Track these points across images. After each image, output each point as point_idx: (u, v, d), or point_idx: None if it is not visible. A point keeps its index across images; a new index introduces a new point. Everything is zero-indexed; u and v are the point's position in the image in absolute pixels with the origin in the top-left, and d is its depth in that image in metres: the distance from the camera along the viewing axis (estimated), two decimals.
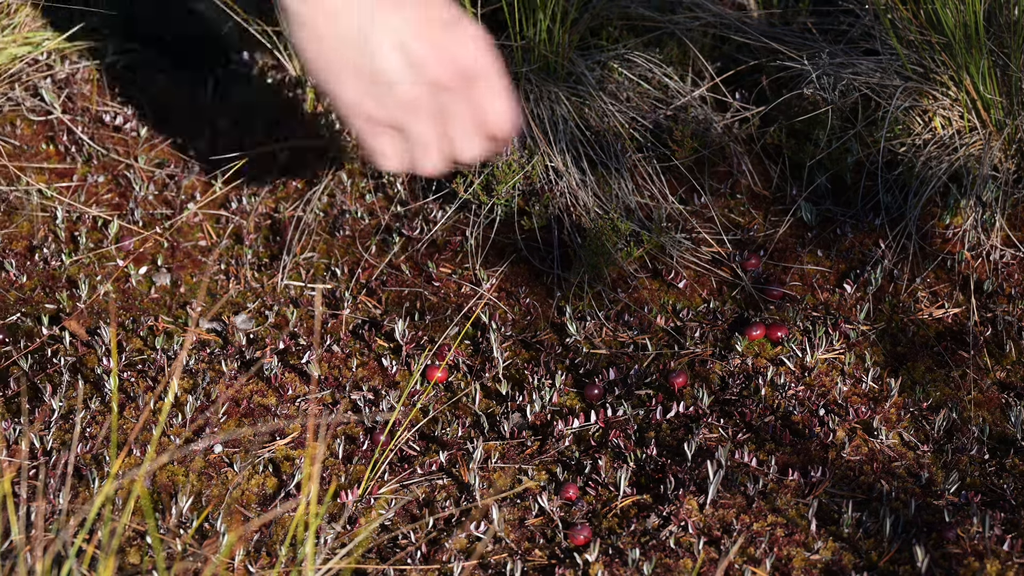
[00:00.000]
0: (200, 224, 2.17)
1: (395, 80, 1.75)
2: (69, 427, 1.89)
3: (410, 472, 1.85)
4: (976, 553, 1.72)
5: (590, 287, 2.04)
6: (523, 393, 1.93)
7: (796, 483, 1.81)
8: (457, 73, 1.76)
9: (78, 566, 1.65)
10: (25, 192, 2.17)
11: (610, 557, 1.74)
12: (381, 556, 1.77)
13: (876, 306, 2.01)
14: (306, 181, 2.21)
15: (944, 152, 2.08)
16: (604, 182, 2.13)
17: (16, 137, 2.24)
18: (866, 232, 2.08)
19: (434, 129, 1.77)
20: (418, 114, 1.76)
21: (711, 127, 2.16)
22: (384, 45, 1.75)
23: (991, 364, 1.94)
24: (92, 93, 2.29)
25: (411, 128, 1.76)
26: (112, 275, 2.10)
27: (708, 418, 1.88)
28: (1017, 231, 2.06)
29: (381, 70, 1.75)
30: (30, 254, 2.12)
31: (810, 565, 1.73)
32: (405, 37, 1.75)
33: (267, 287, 2.09)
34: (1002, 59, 2.03)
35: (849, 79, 2.12)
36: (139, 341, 2.02)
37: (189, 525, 1.79)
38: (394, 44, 1.75)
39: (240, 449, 1.88)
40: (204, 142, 2.24)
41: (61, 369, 1.96)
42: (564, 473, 1.84)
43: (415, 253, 2.11)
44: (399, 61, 1.75)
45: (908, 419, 1.89)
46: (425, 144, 1.77)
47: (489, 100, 1.77)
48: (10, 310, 2.05)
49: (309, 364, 1.96)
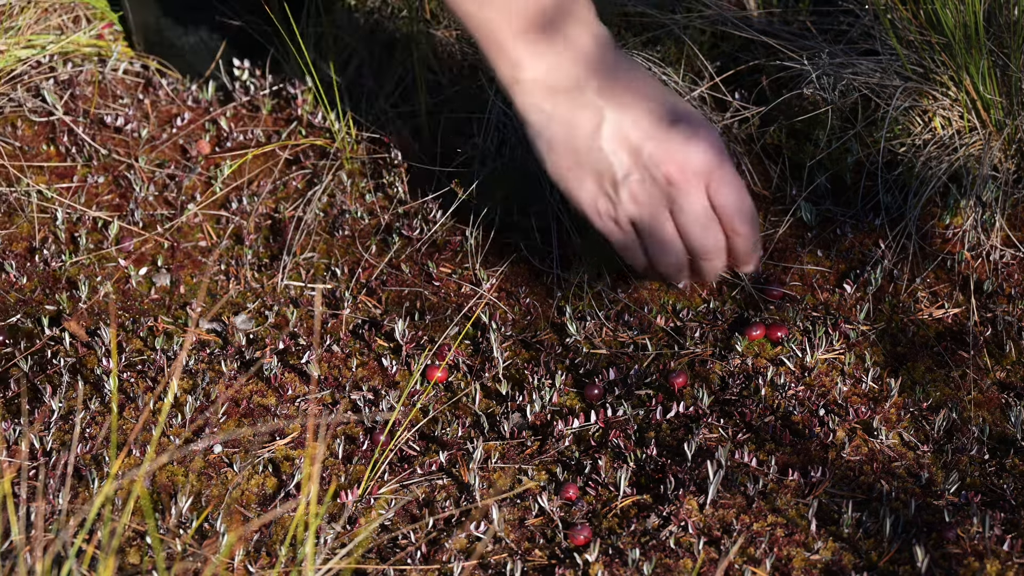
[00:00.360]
0: (200, 224, 2.17)
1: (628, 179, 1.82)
2: (69, 428, 1.89)
3: (410, 472, 1.85)
4: (976, 553, 1.72)
5: (590, 287, 2.04)
6: (523, 393, 1.92)
7: (796, 483, 1.81)
8: (688, 168, 1.83)
9: (78, 566, 1.65)
10: (25, 193, 2.17)
11: (610, 557, 1.74)
12: (381, 556, 1.77)
13: (876, 306, 2.01)
14: (306, 181, 2.21)
15: (944, 152, 2.08)
16: None
17: (17, 138, 2.24)
18: (866, 232, 2.08)
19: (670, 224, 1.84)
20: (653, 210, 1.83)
21: None
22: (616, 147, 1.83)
23: (991, 364, 1.94)
24: (94, 95, 2.29)
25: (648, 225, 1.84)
26: (112, 276, 2.10)
27: (708, 418, 1.88)
28: (1017, 231, 2.06)
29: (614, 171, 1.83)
30: (30, 255, 2.12)
31: (810, 565, 1.73)
32: (635, 137, 1.82)
33: (267, 287, 2.09)
34: (1002, 59, 2.03)
35: (849, 79, 2.12)
36: (139, 342, 2.02)
37: (189, 525, 1.79)
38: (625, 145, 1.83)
39: (240, 449, 1.87)
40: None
41: (61, 370, 1.96)
42: (564, 473, 1.84)
43: (415, 253, 2.11)
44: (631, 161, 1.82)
45: (908, 419, 1.88)
46: (662, 240, 1.85)
47: (723, 192, 1.85)
48: (10, 311, 2.05)
49: (309, 364, 1.96)
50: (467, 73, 2.28)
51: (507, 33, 1.83)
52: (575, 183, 1.86)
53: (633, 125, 1.84)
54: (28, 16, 2.33)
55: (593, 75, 1.84)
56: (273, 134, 2.27)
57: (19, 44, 2.31)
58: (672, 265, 1.89)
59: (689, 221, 1.86)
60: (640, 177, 1.84)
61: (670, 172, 1.84)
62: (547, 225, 2.10)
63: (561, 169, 1.86)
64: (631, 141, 1.84)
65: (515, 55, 1.84)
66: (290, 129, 2.27)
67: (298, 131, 2.26)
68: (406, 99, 2.27)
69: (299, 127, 2.27)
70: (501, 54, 1.84)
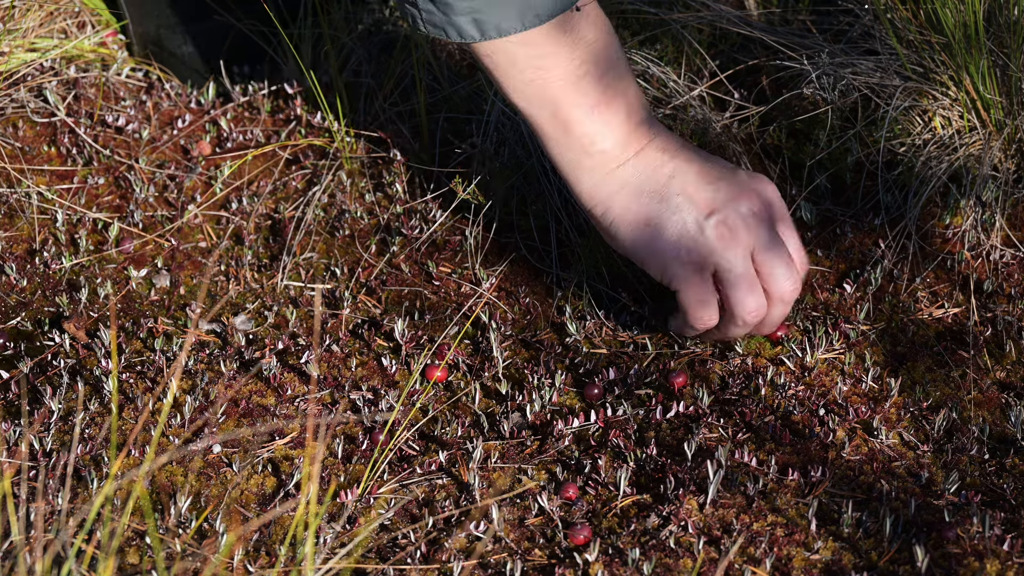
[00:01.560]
0: (200, 225, 2.17)
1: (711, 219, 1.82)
2: (68, 429, 1.89)
3: (409, 472, 1.85)
4: (976, 553, 1.72)
5: (590, 286, 2.04)
6: (523, 392, 1.92)
7: (796, 483, 1.80)
8: (763, 199, 1.85)
9: (78, 566, 1.65)
10: (26, 195, 2.17)
11: (610, 557, 1.74)
12: (381, 556, 1.77)
13: (876, 306, 2.01)
14: (306, 181, 2.21)
15: (944, 152, 2.08)
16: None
17: (18, 139, 2.25)
18: (866, 232, 2.08)
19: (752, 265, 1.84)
20: (741, 244, 1.83)
21: (710, 126, 2.16)
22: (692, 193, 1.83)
23: (991, 364, 1.94)
24: (97, 97, 2.29)
25: (731, 262, 1.83)
26: (112, 278, 2.10)
27: (708, 418, 1.88)
28: (1017, 231, 2.05)
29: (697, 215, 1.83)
30: (30, 258, 2.12)
31: (810, 565, 1.73)
32: (707, 181, 1.84)
33: (267, 288, 2.09)
34: (1002, 59, 2.03)
35: (849, 79, 2.12)
36: (139, 343, 2.02)
37: (188, 525, 1.79)
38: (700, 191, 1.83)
39: (239, 449, 1.87)
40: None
41: (61, 372, 1.96)
42: (564, 473, 1.84)
43: (415, 252, 2.11)
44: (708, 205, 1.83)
45: (908, 419, 1.88)
46: (749, 278, 1.84)
47: (791, 240, 1.87)
48: (10, 314, 2.05)
49: (308, 364, 1.96)
50: (466, 73, 2.28)
51: (581, 110, 1.82)
52: (656, 240, 1.84)
53: (701, 171, 1.85)
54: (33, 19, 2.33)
55: (654, 135, 1.85)
56: (272, 134, 2.27)
57: (23, 47, 2.31)
58: (752, 312, 1.85)
59: (777, 262, 1.84)
60: (723, 215, 1.83)
61: (752, 204, 1.83)
62: (546, 225, 2.10)
63: (640, 230, 1.84)
64: (704, 185, 1.84)
65: (587, 130, 1.82)
66: (289, 129, 2.27)
67: (297, 131, 2.27)
68: (405, 99, 2.27)
69: (298, 127, 2.27)
70: (568, 134, 1.83)
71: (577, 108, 1.82)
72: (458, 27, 1.78)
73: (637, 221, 1.84)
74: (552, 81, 1.81)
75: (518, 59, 1.80)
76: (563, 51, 1.80)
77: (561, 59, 1.80)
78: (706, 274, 1.84)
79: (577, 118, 1.83)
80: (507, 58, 1.80)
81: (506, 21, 1.77)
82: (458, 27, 1.78)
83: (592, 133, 1.83)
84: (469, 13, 1.76)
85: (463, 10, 1.77)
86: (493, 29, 1.78)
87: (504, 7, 1.76)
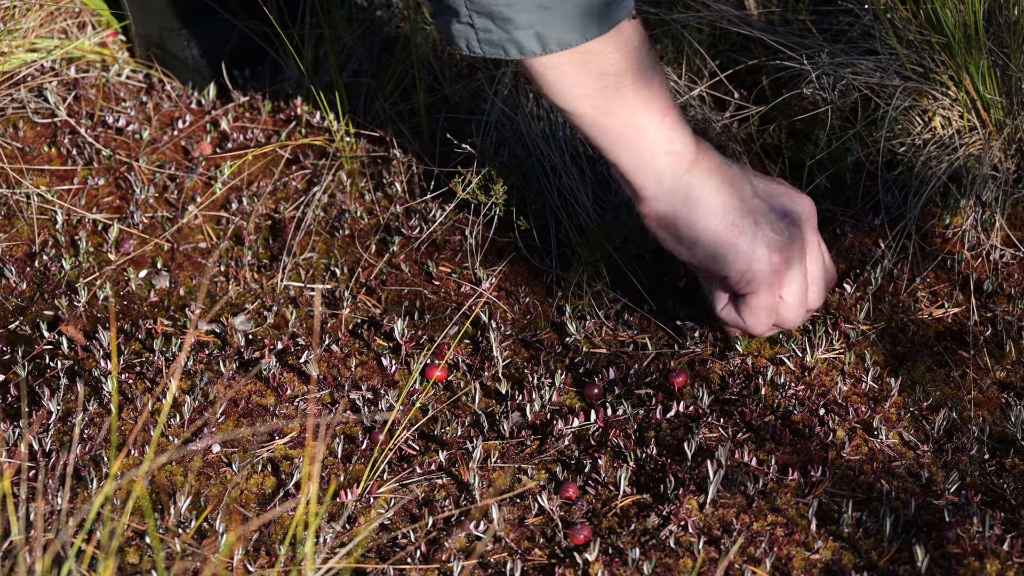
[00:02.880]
0: (200, 226, 2.17)
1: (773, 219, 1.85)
2: (67, 430, 1.89)
3: (409, 471, 1.85)
4: (976, 553, 1.72)
5: (589, 286, 2.04)
6: (523, 392, 1.92)
7: (796, 483, 1.80)
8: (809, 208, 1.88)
9: (77, 566, 1.65)
10: (25, 196, 2.17)
11: (610, 556, 1.74)
12: (381, 555, 1.77)
13: (876, 306, 2.01)
14: (306, 181, 2.21)
15: (944, 152, 2.08)
16: (603, 180, 2.13)
17: (19, 139, 2.25)
18: (866, 232, 2.08)
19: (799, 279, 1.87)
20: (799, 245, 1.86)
21: (710, 126, 2.16)
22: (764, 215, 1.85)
23: (991, 364, 1.94)
24: (98, 97, 2.29)
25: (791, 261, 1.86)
26: (111, 279, 2.10)
27: (708, 418, 1.88)
28: (1017, 231, 2.05)
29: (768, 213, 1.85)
30: (30, 260, 2.12)
31: (810, 565, 1.73)
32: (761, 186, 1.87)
33: (266, 288, 2.09)
34: (1002, 59, 2.03)
35: (849, 79, 2.12)
36: (137, 344, 2.01)
37: (188, 525, 1.78)
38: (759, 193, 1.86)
39: (239, 449, 1.87)
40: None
41: (59, 373, 1.96)
42: (564, 472, 1.84)
43: (414, 252, 2.11)
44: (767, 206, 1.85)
45: (908, 419, 1.88)
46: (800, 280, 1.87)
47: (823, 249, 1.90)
48: (9, 318, 2.05)
49: (308, 364, 1.96)
50: (466, 73, 2.28)
51: (656, 115, 1.81)
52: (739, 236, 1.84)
53: (756, 176, 1.88)
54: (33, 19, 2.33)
55: (700, 140, 1.86)
56: (273, 134, 2.27)
57: (23, 47, 2.31)
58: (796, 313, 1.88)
59: (818, 267, 1.88)
60: (782, 223, 1.85)
61: (803, 210, 1.86)
62: (546, 224, 2.10)
63: (718, 229, 1.84)
64: (759, 189, 1.86)
65: (660, 135, 1.82)
66: (289, 129, 2.27)
67: (298, 131, 2.26)
68: (405, 99, 2.27)
69: (299, 127, 2.27)
70: (643, 139, 1.82)
71: (653, 113, 1.82)
72: (519, 43, 1.76)
73: (725, 220, 1.84)
74: (624, 88, 1.80)
75: (584, 69, 1.79)
76: (632, 57, 1.79)
77: (632, 64, 1.79)
78: (781, 276, 1.86)
79: (653, 122, 1.82)
80: (572, 69, 1.78)
81: (569, 34, 1.75)
82: (519, 43, 1.76)
83: (667, 135, 1.82)
84: (530, 27, 1.75)
85: (524, 23, 1.75)
86: (555, 43, 1.76)
87: (566, 20, 1.75)
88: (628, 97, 1.80)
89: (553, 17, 1.74)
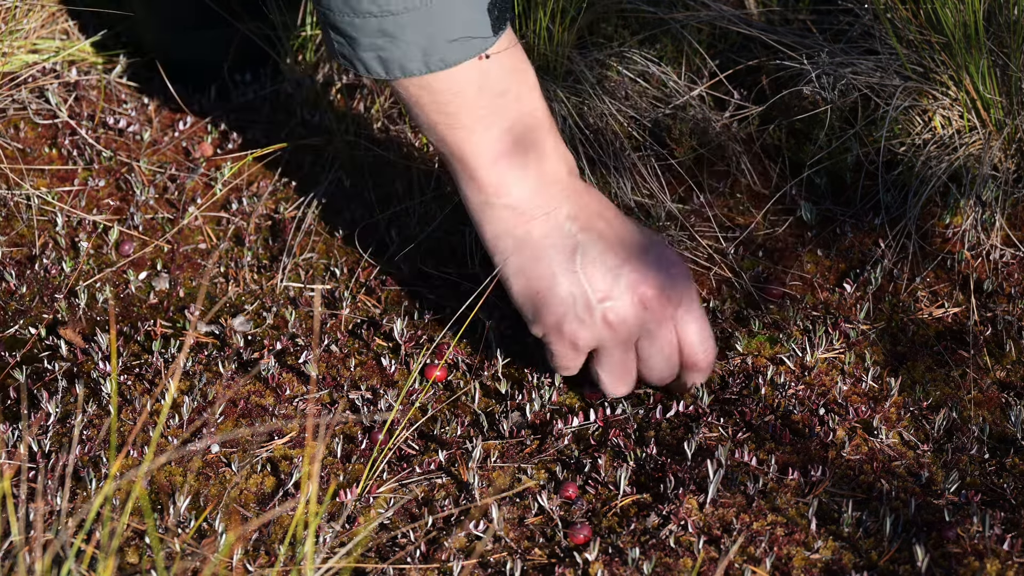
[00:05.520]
0: (200, 227, 2.17)
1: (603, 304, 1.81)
2: (66, 431, 1.89)
3: (409, 471, 1.85)
4: (976, 552, 1.72)
5: None
6: (522, 392, 1.92)
7: (796, 482, 1.80)
8: (664, 293, 1.82)
9: (77, 566, 1.65)
10: (25, 197, 2.17)
11: (610, 556, 1.74)
12: (380, 555, 1.77)
13: (876, 305, 2.01)
14: (306, 181, 2.21)
15: (944, 152, 2.08)
16: (603, 180, 2.13)
17: (19, 140, 2.25)
18: (866, 232, 2.08)
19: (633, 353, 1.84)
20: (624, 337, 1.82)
21: (710, 126, 2.16)
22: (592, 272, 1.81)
23: (991, 364, 1.94)
24: (99, 99, 2.29)
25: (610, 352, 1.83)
26: (111, 281, 2.10)
27: (708, 417, 1.88)
28: (1017, 231, 2.05)
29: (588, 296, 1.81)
30: (30, 263, 2.12)
31: (810, 564, 1.72)
32: (611, 263, 1.81)
33: (266, 289, 2.09)
34: (1002, 59, 2.03)
35: (849, 78, 2.12)
36: (136, 346, 2.01)
37: (188, 525, 1.78)
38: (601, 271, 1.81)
39: (238, 449, 1.87)
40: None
41: (58, 376, 1.96)
42: (564, 472, 1.84)
43: (415, 252, 2.11)
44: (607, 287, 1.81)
45: (908, 419, 1.88)
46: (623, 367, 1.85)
47: (691, 328, 1.85)
48: (9, 322, 2.05)
49: (307, 364, 1.96)
50: None
51: (483, 159, 1.80)
52: (543, 307, 1.82)
53: (608, 251, 1.82)
54: (34, 20, 2.33)
55: (565, 201, 1.82)
56: (273, 135, 2.27)
57: (24, 48, 2.31)
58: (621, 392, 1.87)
59: (654, 352, 1.84)
60: (614, 304, 1.81)
61: (647, 297, 1.81)
62: None
63: (530, 293, 1.82)
64: (608, 267, 1.81)
65: (489, 181, 1.80)
66: (289, 129, 2.27)
67: (298, 131, 2.27)
68: None
69: (299, 128, 2.27)
70: (473, 180, 1.81)
71: (480, 157, 1.80)
72: (364, 63, 1.77)
73: (529, 286, 1.82)
74: (456, 128, 1.79)
75: (423, 100, 1.78)
76: (469, 99, 1.78)
77: (467, 106, 1.78)
78: (581, 351, 1.84)
79: (481, 166, 1.80)
80: (416, 96, 1.78)
81: (411, 63, 1.75)
82: (364, 63, 1.77)
83: (496, 184, 1.81)
84: (374, 50, 1.75)
85: (368, 46, 1.75)
86: (398, 69, 1.76)
87: (408, 48, 1.75)
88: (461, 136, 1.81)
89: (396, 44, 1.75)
